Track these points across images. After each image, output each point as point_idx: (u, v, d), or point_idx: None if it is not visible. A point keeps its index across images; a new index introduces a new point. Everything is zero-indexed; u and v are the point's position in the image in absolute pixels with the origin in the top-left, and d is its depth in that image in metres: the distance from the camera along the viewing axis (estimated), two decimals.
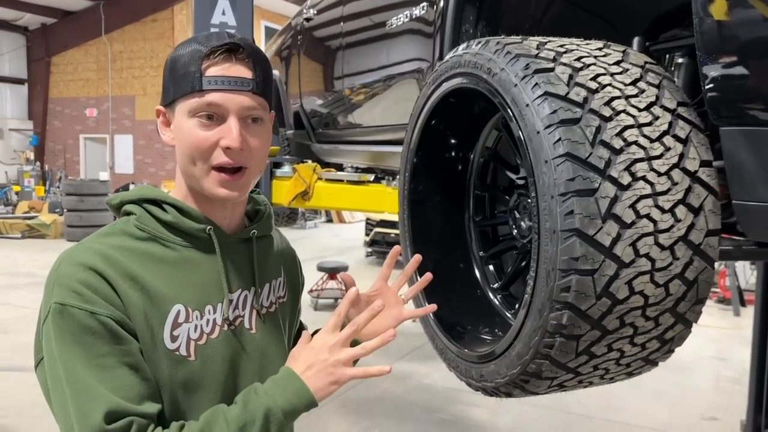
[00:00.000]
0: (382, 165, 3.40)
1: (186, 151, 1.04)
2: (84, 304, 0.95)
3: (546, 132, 1.11)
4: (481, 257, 1.70)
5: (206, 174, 1.04)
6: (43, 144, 17.16)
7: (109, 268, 0.98)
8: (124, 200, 1.10)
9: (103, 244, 1.02)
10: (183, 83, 1.03)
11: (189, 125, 1.03)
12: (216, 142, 1.03)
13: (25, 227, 12.17)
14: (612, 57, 1.26)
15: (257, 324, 1.14)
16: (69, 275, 0.97)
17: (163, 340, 1.01)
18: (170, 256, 1.05)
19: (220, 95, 1.02)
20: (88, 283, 0.96)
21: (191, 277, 1.05)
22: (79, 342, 0.94)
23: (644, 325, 1.18)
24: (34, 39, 17.05)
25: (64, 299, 0.95)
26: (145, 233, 1.05)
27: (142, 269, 1.01)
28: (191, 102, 1.03)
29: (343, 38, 3.01)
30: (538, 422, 4.30)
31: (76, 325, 0.94)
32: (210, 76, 1.02)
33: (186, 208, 1.08)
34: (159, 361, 1.00)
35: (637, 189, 1.11)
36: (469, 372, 1.41)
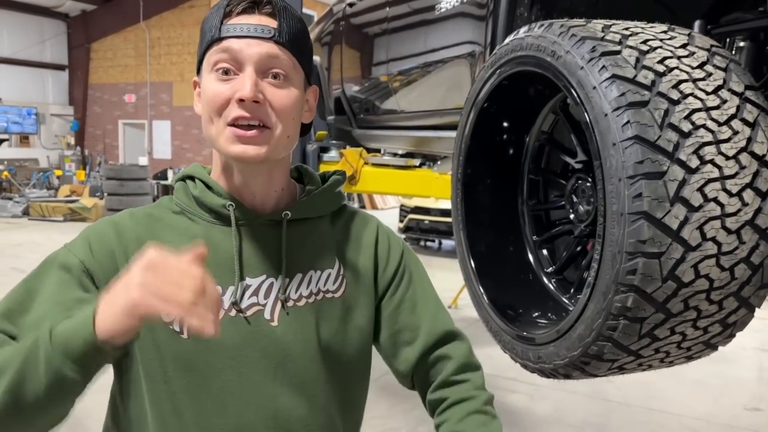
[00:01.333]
0: (425, 150, 3.41)
1: (204, 111, 0.98)
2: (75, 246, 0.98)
3: (614, 115, 1.12)
4: (535, 241, 1.71)
5: (221, 131, 0.95)
6: (83, 129, 17.52)
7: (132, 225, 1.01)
8: (177, 178, 1.09)
9: (139, 212, 1.05)
10: (204, 38, 0.98)
11: (207, 80, 0.96)
12: (231, 96, 0.94)
13: (67, 210, 12.48)
14: (678, 40, 1.26)
15: (281, 317, 1.01)
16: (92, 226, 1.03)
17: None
18: (194, 229, 1.01)
19: (238, 42, 0.94)
20: (98, 231, 1.01)
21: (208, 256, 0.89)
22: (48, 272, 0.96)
23: (708, 309, 1.18)
24: (74, 26, 17.36)
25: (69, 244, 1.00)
26: (178, 207, 1.04)
27: (158, 238, 0.98)
28: (210, 54, 0.96)
29: (389, 23, 3.01)
30: (576, 409, 4.30)
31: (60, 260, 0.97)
32: (229, 24, 0.95)
33: (211, 182, 1.03)
34: (151, 328, 0.94)
35: (705, 172, 1.11)
36: (525, 354, 1.43)
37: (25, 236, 10.53)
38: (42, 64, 17.08)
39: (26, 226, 11.67)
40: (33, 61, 16.75)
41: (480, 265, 1.70)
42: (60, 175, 15.33)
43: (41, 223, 12.05)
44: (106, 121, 17.21)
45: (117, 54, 16.82)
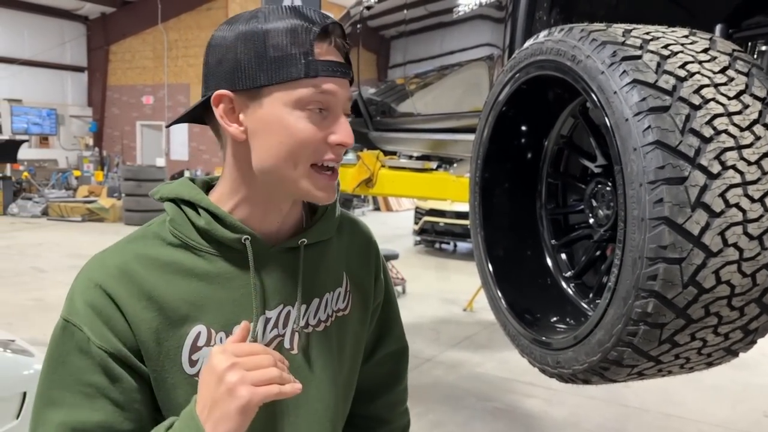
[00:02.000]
0: (442, 153, 3.41)
1: (288, 147, 0.88)
2: (84, 326, 0.88)
3: (635, 119, 1.11)
4: (553, 245, 1.70)
5: (307, 174, 0.90)
6: (102, 130, 17.72)
7: (122, 285, 0.89)
8: (163, 197, 0.97)
9: (127, 254, 0.92)
10: (284, 66, 0.86)
11: (295, 117, 0.87)
12: (325, 138, 0.89)
13: (85, 211, 12.62)
14: (699, 45, 1.25)
15: (299, 344, 0.99)
16: (81, 291, 0.91)
17: (182, 364, 0.91)
18: (201, 267, 0.93)
19: (334, 83, 0.88)
20: (93, 304, 0.89)
21: (220, 293, 0.93)
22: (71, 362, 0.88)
23: (729, 315, 1.17)
24: (93, 28, 17.57)
25: (68, 315, 0.90)
26: (177, 240, 0.93)
27: (163, 284, 0.91)
28: (301, 91, 0.87)
29: (406, 25, 3.02)
30: (593, 414, 4.27)
31: (73, 344, 0.89)
32: (325, 60, 0.87)
33: (221, 214, 0.93)
34: (176, 387, 0.91)
35: (726, 178, 1.10)
36: (544, 358, 1.42)
37: (44, 236, 10.67)
38: (61, 66, 17.30)
39: (45, 226, 11.82)
40: (53, 62, 16.98)
41: (498, 269, 1.70)
42: (78, 175, 15.51)
43: (60, 223, 12.20)
44: (124, 122, 17.39)
45: (135, 56, 16.99)
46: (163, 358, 0.90)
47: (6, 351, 2.91)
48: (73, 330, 0.89)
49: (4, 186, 13.21)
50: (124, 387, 0.89)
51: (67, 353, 0.89)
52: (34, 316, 6.06)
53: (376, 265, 1.16)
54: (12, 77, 15.83)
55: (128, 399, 0.89)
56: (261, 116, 0.89)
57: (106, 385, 0.88)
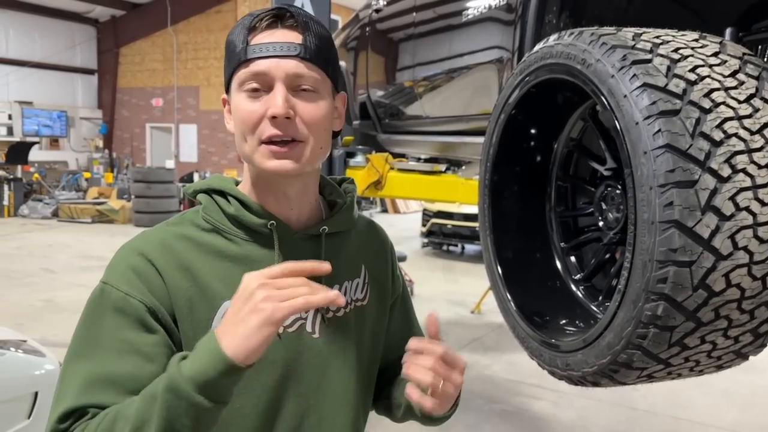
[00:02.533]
0: (450, 155, 3.42)
1: (237, 129, 0.99)
2: (122, 285, 0.94)
3: (645, 123, 1.12)
4: (563, 248, 1.71)
5: (255, 148, 0.97)
6: (112, 132, 17.82)
7: (162, 255, 0.97)
8: (196, 189, 1.07)
9: (166, 232, 1.01)
10: (232, 59, 0.98)
11: (237, 100, 0.98)
12: (263, 114, 0.95)
13: (95, 212, 12.69)
14: (709, 48, 1.25)
15: (321, 329, 1.05)
16: (120, 259, 0.98)
17: None
18: (231, 250, 1.00)
19: (265, 62, 0.95)
20: (134, 267, 0.96)
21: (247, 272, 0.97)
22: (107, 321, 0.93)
23: (739, 318, 1.17)
24: (104, 31, 17.69)
25: (107, 279, 0.96)
26: (210, 225, 1.02)
27: (198, 261, 0.98)
28: (239, 75, 0.97)
29: (416, 28, 3.03)
30: (601, 417, 4.26)
31: (111, 304, 0.94)
32: (254, 44, 0.96)
33: (248, 201, 1.02)
34: None
35: (737, 181, 1.10)
36: (553, 361, 1.42)
37: (54, 237, 10.73)
38: (72, 69, 17.42)
39: (55, 228, 11.90)
40: (63, 65, 17.10)
41: (507, 272, 1.70)
42: (88, 177, 15.62)
43: (70, 225, 12.28)
44: (133, 124, 17.48)
45: (145, 58, 17.09)
46: (194, 325, 0.96)
47: (18, 351, 2.93)
48: (110, 290, 0.95)
49: (15, 187, 13.31)
50: (156, 340, 0.93)
51: (103, 313, 0.94)
52: (45, 316, 6.10)
53: (393, 263, 1.24)
54: (23, 80, 15.95)
55: (158, 353, 0.93)
56: (232, 103, 1.01)
57: (139, 340, 0.92)
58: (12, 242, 10.08)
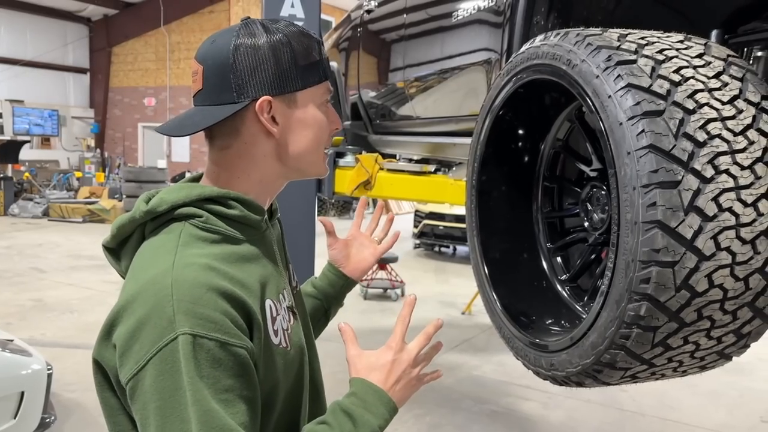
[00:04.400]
0: (441, 156, 3.42)
1: (317, 135, 1.07)
2: (216, 333, 0.87)
3: (629, 123, 1.12)
4: (549, 249, 1.71)
5: (323, 155, 1.11)
6: (104, 132, 17.73)
7: (228, 282, 0.92)
8: (176, 204, 0.98)
9: (199, 257, 0.93)
10: (312, 72, 1.04)
11: (321, 113, 1.07)
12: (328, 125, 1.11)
13: (86, 212, 12.63)
14: (694, 50, 1.26)
15: (296, 301, 1.14)
16: (197, 301, 0.88)
17: (271, 337, 0.97)
18: (243, 251, 1.00)
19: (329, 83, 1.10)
20: (224, 310, 0.89)
21: (264, 270, 1.02)
22: (208, 375, 0.86)
23: (722, 319, 1.18)
24: (96, 30, 17.60)
25: (194, 329, 0.86)
26: (216, 234, 0.98)
27: (240, 272, 0.96)
28: (320, 89, 1.06)
29: (406, 29, 3.03)
30: (590, 418, 4.27)
31: (206, 355, 0.86)
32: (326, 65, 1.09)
33: (249, 200, 1.03)
34: (272, 359, 0.97)
35: (719, 182, 1.11)
36: (538, 361, 1.43)
37: (44, 237, 10.67)
38: (64, 68, 17.32)
39: (46, 227, 11.83)
40: (55, 64, 17.00)
41: (494, 272, 1.71)
42: (80, 176, 15.53)
43: (61, 224, 12.21)
44: (125, 124, 17.40)
45: (137, 58, 17.02)
46: (266, 336, 0.97)
47: (4, 351, 2.91)
48: (202, 342, 0.86)
49: (5, 186, 13.22)
50: (253, 380, 0.92)
51: (200, 367, 0.86)
52: (33, 316, 6.07)
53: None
54: (14, 78, 15.85)
55: (255, 394, 0.92)
56: (297, 115, 1.04)
57: (239, 384, 0.89)
58: (2, 241, 10.01)
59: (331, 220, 1.47)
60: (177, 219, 0.98)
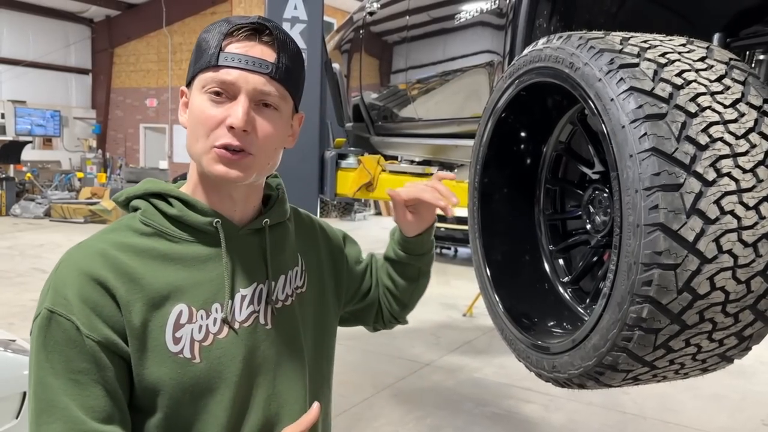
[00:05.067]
0: (443, 158, 3.43)
1: (191, 127, 1.00)
2: (72, 315, 0.91)
3: (631, 126, 1.12)
4: (551, 251, 1.71)
5: (207, 151, 0.99)
6: (105, 132, 17.75)
7: (110, 271, 0.94)
8: (130, 196, 1.05)
9: (105, 242, 0.98)
10: (202, 59, 0.99)
11: (199, 101, 0.99)
12: (222, 120, 0.98)
13: (88, 212, 12.64)
14: (696, 53, 1.26)
15: (272, 319, 1.09)
16: (66, 281, 0.94)
17: (165, 343, 0.96)
18: (176, 251, 1.00)
19: (235, 73, 0.97)
20: (87, 296, 0.92)
21: (197, 275, 1.00)
22: (60, 351, 0.91)
23: (723, 321, 1.18)
24: (98, 31, 17.63)
25: (54, 305, 0.93)
26: (151, 228, 1.01)
27: (143, 268, 0.96)
28: (205, 77, 0.98)
29: (408, 31, 3.04)
30: (591, 420, 4.27)
31: (62, 334, 0.92)
32: (228, 52, 0.98)
33: (192, 201, 1.02)
34: (160, 365, 0.96)
35: (721, 185, 1.11)
36: (540, 363, 1.43)
37: (46, 237, 10.69)
38: (66, 68, 17.35)
39: (48, 227, 11.85)
40: (57, 65, 17.03)
41: (495, 274, 1.71)
42: (81, 177, 15.55)
43: (62, 225, 12.22)
44: (127, 124, 17.42)
45: (139, 59, 17.04)
46: (146, 338, 0.96)
47: (6, 351, 2.92)
48: (59, 320, 0.92)
49: (7, 187, 13.24)
50: (110, 374, 0.93)
51: (56, 343, 0.92)
52: None
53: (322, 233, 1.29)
54: (16, 79, 15.88)
55: (114, 387, 0.94)
56: (189, 102, 1.03)
57: (95, 370, 0.92)
58: (3, 242, 10.03)
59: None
60: (134, 209, 1.04)
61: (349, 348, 5.32)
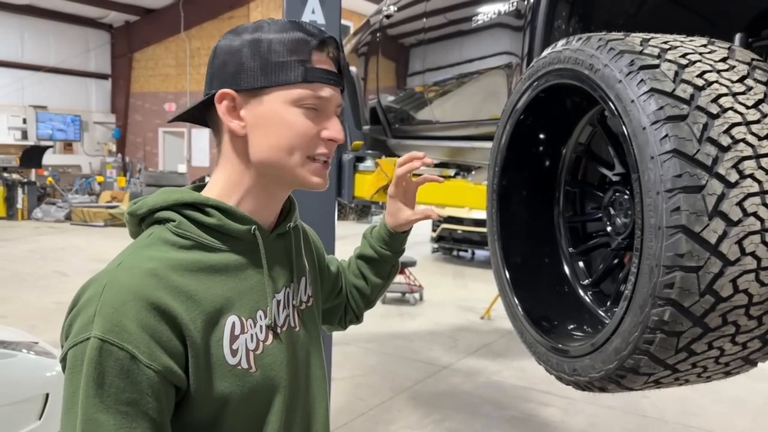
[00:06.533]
0: (460, 160, 3.42)
1: (286, 140, 1.00)
2: (128, 344, 0.86)
3: (652, 128, 1.12)
4: (571, 253, 1.71)
5: (303, 164, 1.01)
6: (125, 137, 17.95)
7: (166, 292, 0.90)
8: (154, 208, 1.00)
9: (149, 260, 0.92)
10: (284, 71, 0.98)
11: (292, 114, 0.99)
12: (318, 133, 1.02)
13: (108, 216, 12.78)
14: (717, 54, 1.25)
15: (299, 321, 1.11)
16: (118, 307, 0.87)
17: (224, 356, 0.95)
18: (219, 261, 0.98)
19: (329, 90, 1.01)
20: (145, 322, 0.87)
21: (240, 283, 1.00)
22: (111, 384, 0.85)
23: (747, 324, 1.17)
24: (117, 36, 17.84)
25: (105, 333, 0.86)
26: (188, 240, 0.97)
27: (195, 283, 0.94)
28: (298, 91, 0.98)
29: (426, 33, 3.04)
30: (611, 424, 4.24)
31: (114, 364, 0.85)
32: (320, 68, 1.00)
33: (231, 209, 1.01)
34: (222, 380, 0.94)
35: (744, 186, 1.10)
36: (560, 366, 1.42)
37: (67, 240, 10.82)
38: (86, 73, 17.58)
39: (68, 231, 12.00)
40: (78, 70, 17.26)
41: (515, 277, 1.70)
42: (101, 181, 15.74)
43: (83, 228, 12.37)
44: (146, 128, 17.60)
45: (158, 64, 17.22)
46: (208, 354, 0.94)
47: (29, 353, 2.96)
48: (110, 350, 0.85)
49: (28, 191, 13.43)
50: (161, 406, 0.89)
51: (107, 375, 0.85)
52: (57, 319, 6.13)
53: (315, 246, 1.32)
54: (38, 84, 16.11)
55: (162, 418, 0.89)
56: (261, 113, 1.00)
57: (146, 402, 0.87)
58: (25, 245, 10.17)
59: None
60: (159, 222, 1.00)
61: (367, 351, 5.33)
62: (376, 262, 1.45)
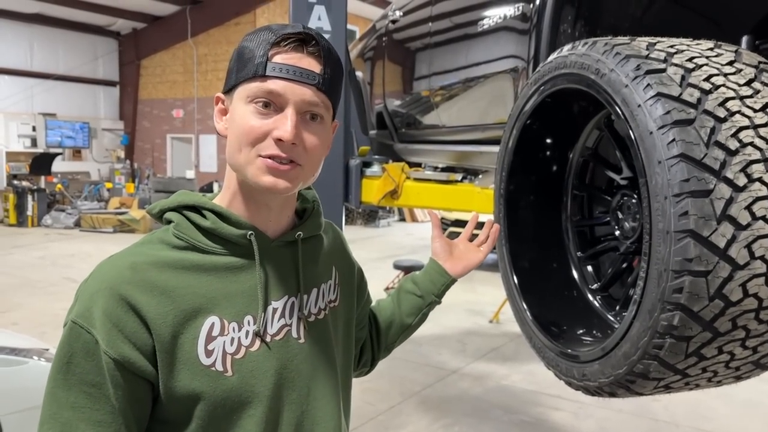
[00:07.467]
0: (467, 164, 3.42)
1: (235, 137, 0.98)
2: (93, 329, 0.91)
3: (659, 133, 1.12)
4: (579, 258, 1.70)
5: (252, 161, 0.97)
6: (133, 143, 18.02)
7: (137, 286, 0.93)
8: (163, 208, 1.04)
9: (136, 255, 0.98)
10: (246, 68, 0.97)
11: (244, 111, 0.97)
12: (268, 132, 0.96)
13: (117, 222, 12.84)
14: (724, 57, 1.25)
15: (305, 333, 1.07)
16: (92, 295, 0.93)
17: (197, 356, 0.95)
18: (209, 263, 0.99)
19: (282, 84, 0.96)
20: (110, 311, 0.92)
21: (230, 286, 0.99)
22: (77, 363, 0.91)
23: (757, 329, 1.16)
24: (125, 43, 17.92)
25: (77, 317, 0.93)
26: (183, 241, 1.00)
27: (175, 280, 0.96)
28: (251, 86, 0.96)
29: (432, 38, 3.04)
30: (622, 428, 4.21)
31: (81, 346, 0.91)
32: (276, 62, 0.96)
33: (226, 213, 1.01)
34: (192, 378, 0.95)
35: (753, 190, 1.10)
36: (570, 371, 1.42)
37: (76, 247, 10.87)
38: (94, 81, 17.66)
39: (78, 237, 12.05)
40: (86, 77, 17.35)
41: (523, 281, 1.71)
42: (110, 187, 15.79)
43: (92, 234, 12.43)
44: (154, 135, 17.67)
45: (166, 70, 17.29)
46: (178, 351, 0.94)
47: (41, 360, 2.97)
48: (79, 332, 0.92)
49: (38, 198, 13.50)
50: (120, 393, 0.92)
51: (73, 354, 0.92)
52: None
53: (351, 255, 1.29)
54: (47, 92, 16.21)
55: (122, 405, 0.93)
56: (231, 112, 1.01)
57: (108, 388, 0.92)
58: (35, 252, 10.22)
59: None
60: (169, 222, 1.03)
61: None
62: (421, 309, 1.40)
